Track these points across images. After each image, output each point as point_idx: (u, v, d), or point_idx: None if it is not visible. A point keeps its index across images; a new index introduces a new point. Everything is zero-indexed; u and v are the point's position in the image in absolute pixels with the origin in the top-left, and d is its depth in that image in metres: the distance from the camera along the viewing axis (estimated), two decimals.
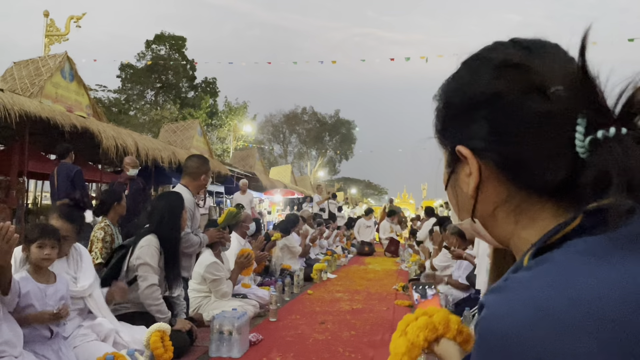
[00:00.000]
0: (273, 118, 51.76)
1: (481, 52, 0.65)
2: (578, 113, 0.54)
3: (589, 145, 0.53)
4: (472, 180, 0.63)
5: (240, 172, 22.03)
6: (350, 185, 69.46)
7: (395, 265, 9.92)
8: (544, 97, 0.56)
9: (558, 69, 0.57)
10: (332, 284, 7.02)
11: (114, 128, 12.73)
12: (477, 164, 0.62)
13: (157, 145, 14.26)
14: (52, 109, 10.48)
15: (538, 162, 0.57)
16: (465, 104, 0.63)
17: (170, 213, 3.53)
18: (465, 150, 0.63)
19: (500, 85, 0.59)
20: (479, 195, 0.64)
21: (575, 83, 0.55)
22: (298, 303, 5.43)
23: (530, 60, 0.59)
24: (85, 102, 12.77)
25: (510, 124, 0.58)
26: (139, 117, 31.11)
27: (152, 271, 3.37)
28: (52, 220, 2.99)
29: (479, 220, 0.67)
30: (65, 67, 11.97)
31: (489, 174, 0.62)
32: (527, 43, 0.62)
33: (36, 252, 2.66)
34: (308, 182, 34.86)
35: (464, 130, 0.63)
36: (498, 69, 0.61)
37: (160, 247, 3.45)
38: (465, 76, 0.65)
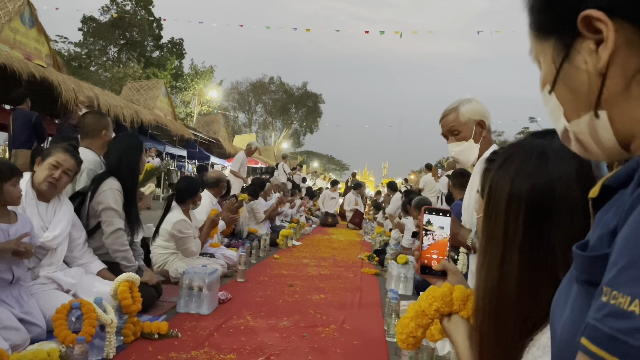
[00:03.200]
0: (239, 85, 50.80)
1: None
2: None
3: None
4: (607, 50, 0.52)
5: (204, 136, 21.61)
6: (313, 158, 69.60)
7: (358, 237, 9.99)
8: None
9: None
10: (298, 250, 6.98)
11: (74, 80, 12.19)
12: (613, 30, 0.51)
13: (120, 103, 13.76)
14: (10, 55, 9.93)
15: None
16: None
17: (129, 155, 3.36)
18: (597, 12, 0.51)
19: None
20: (608, 70, 0.53)
21: None
22: (265, 266, 5.37)
23: None
24: (45, 51, 12.13)
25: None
26: (100, 74, 29.92)
27: (118, 215, 3.19)
28: (58, 153, 2.82)
29: (605, 109, 0.55)
30: (25, 12, 11.30)
31: (622, 39, 0.52)
32: None
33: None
34: (272, 152, 34.59)
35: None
36: None
37: (122, 189, 3.26)
38: None
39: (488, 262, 0.84)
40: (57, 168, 2.77)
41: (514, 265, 0.80)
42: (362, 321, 3.45)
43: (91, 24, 31.57)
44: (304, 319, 3.39)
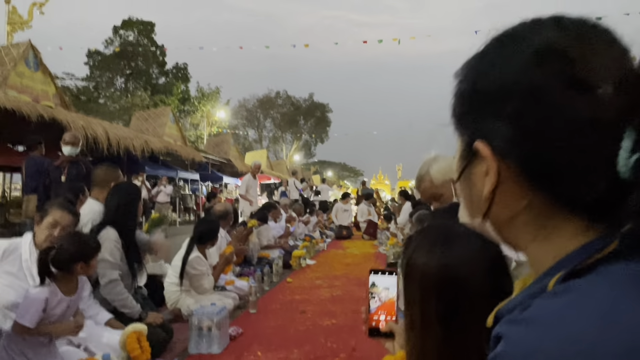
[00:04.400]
0: (247, 103, 51.24)
1: (519, 31, 0.54)
2: (627, 123, 0.45)
3: (634, 165, 0.45)
4: (489, 182, 0.55)
5: (214, 158, 21.79)
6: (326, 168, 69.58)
7: (373, 248, 9.98)
8: (589, 97, 0.47)
9: (609, 64, 0.49)
10: (311, 270, 7.01)
11: (83, 118, 12.43)
12: (496, 166, 0.54)
13: (129, 134, 13.97)
14: (18, 100, 10.17)
15: (572, 172, 0.49)
16: (493, 92, 0.53)
17: (127, 203, 3.44)
18: (485, 149, 0.54)
19: (539, 76, 0.50)
20: (495, 198, 0.56)
21: (629, 84, 0.47)
22: (278, 292, 5.41)
23: (577, 50, 0.49)
24: (52, 91, 12.39)
25: (544, 125, 0.49)
26: (109, 105, 30.43)
27: (111, 267, 3.27)
28: (55, 211, 2.92)
29: (491, 224, 0.59)
30: (30, 56, 11.57)
31: (509, 176, 0.53)
32: (574, 25, 0.52)
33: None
34: (284, 166, 34.71)
35: (487, 123, 0.54)
36: (538, 55, 0.50)
37: (119, 239, 3.34)
38: (497, 58, 0.54)
39: (412, 343, 0.91)
40: (55, 227, 2.86)
41: (433, 344, 0.87)
42: (371, 347, 3.47)
43: (97, 57, 32.22)
44: (314, 349, 3.42)
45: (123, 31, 33.24)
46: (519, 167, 0.52)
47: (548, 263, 0.52)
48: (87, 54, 32.07)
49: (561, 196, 0.51)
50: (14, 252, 2.76)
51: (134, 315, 3.39)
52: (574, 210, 0.51)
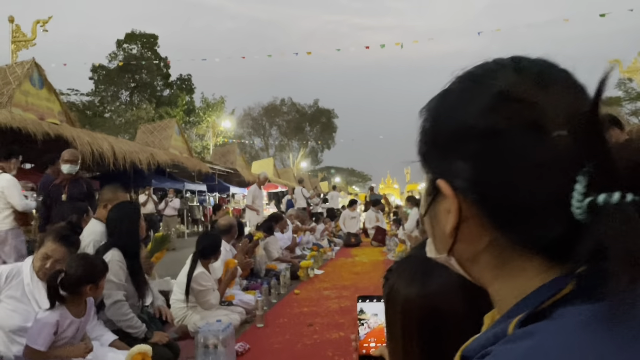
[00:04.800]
0: (252, 111, 51.41)
1: (479, 73, 0.56)
2: (580, 167, 0.47)
3: (587, 207, 0.45)
4: (451, 220, 0.55)
5: (221, 169, 21.83)
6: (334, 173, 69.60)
7: (382, 256, 9.93)
8: (544, 141, 0.48)
9: (565, 108, 0.49)
10: (319, 280, 6.97)
11: (88, 133, 12.49)
12: (457, 204, 0.54)
13: (135, 148, 14.03)
14: (23, 118, 10.23)
15: (529, 214, 0.49)
16: (453, 133, 0.55)
17: (128, 223, 3.43)
18: (446, 188, 0.55)
19: (497, 119, 0.51)
20: (458, 236, 0.56)
21: (582, 129, 0.47)
22: (285, 305, 5.37)
23: (535, 94, 0.50)
24: (57, 108, 12.47)
25: (502, 167, 0.50)
26: (114, 119, 30.63)
27: (115, 287, 3.26)
28: (48, 242, 2.91)
29: (455, 260, 0.59)
30: (34, 74, 11.66)
31: (471, 215, 0.54)
32: (533, 69, 0.53)
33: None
34: (291, 173, 34.74)
35: (448, 162, 0.55)
36: (497, 99, 0.52)
37: (124, 260, 3.33)
38: (457, 100, 0.56)
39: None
40: (47, 259, 2.84)
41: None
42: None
43: (101, 71, 32.47)
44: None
45: (126, 45, 33.50)
46: (479, 206, 0.53)
47: (510, 303, 0.53)
48: (92, 69, 32.34)
49: (520, 236, 0.51)
50: (16, 276, 2.75)
51: (140, 335, 3.37)
52: (534, 250, 0.51)
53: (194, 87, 36.07)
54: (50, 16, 15.78)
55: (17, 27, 15.33)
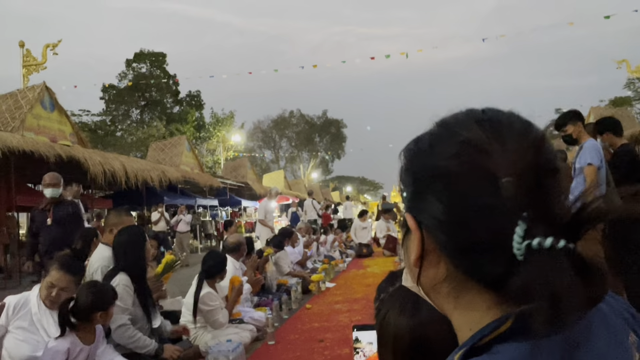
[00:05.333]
0: (261, 124, 51.74)
1: (451, 122, 0.61)
2: (522, 212, 0.51)
3: (525, 249, 0.50)
4: (414, 251, 0.61)
5: (232, 183, 21.95)
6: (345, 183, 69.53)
7: (394, 266, 9.88)
8: (494, 187, 0.53)
9: (515, 158, 0.54)
10: (330, 294, 6.97)
11: (100, 153, 12.65)
12: (419, 237, 0.60)
13: (146, 166, 14.16)
14: (35, 141, 10.40)
15: (478, 251, 0.54)
16: (420, 173, 0.60)
17: (134, 247, 3.47)
18: (411, 221, 0.60)
19: (455, 165, 0.56)
20: (422, 266, 0.61)
21: (526, 177, 0.53)
22: (296, 320, 5.38)
23: (491, 145, 0.55)
24: (69, 130, 12.68)
25: (457, 207, 0.55)
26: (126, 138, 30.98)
27: (120, 311, 3.28)
28: (53, 271, 2.96)
29: (422, 289, 0.64)
30: (45, 98, 11.89)
31: (432, 248, 0.59)
32: (495, 122, 0.58)
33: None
34: (302, 185, 34.81)
35: (415, 199, 0.61)
36: (460, 146, 0.57)
37: (131, 284, 3.36)
38: (428, 144, 0.61)
39: None
40: (53, 288, 2.88)
41: None
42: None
43: (111, 91, 32.93)
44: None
45: (136, 64, 33.98)
46: (437, 240, 0.58)
47: (466, 335, 0.57)
48: (102, 89, 32.81)
49: (471, 271, 0.56)
50: (24, 306, 2.80)
51: (151, 352, 3.40)
52: (483, 285, 0.56)
53: (203, 103, 36.47)
54: (59, 39, 16.05)
55: (27, 51, 15.60)
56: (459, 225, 0.55)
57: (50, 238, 5.14)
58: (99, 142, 27.57)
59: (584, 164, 4.23)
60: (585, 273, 0.50)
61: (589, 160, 4.20)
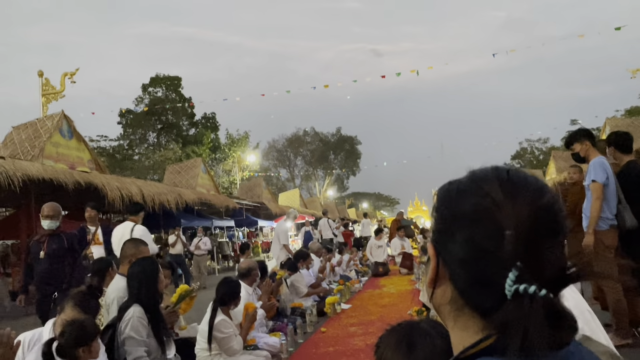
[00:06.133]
0: (276, 143, 52.08)
1: (477, 175, 0.73)
2: (517, 261, 0.63)
3: (514, 291, 0.62)
4: (430, 273, 0.74)
5: (248, 203, 22.07)
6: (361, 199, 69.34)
7: (410, 285, 9.81)
8: (499, 236, 0.65)
9: (521, 216, 0.65)
10: (346, 316, 6.96)
11: (117, 179, 12.86)
12: (435, 263, 0.73)
13: (163, 190, 14.35)
14: (55, 169, 10.63)
15: (475, 286, 0.67)
16: (445, 212, 0.74)
17: (147, 278, 3.53)
18: (432, 250, 0.74)
19: (472, 212, 0.68)
20: (435, 287, 0.74)
21: (526, 234, 0.64)
22: (311, 345, 5.38)
23: (504, 201, 0.67)
24: (87, 157, 12.92)
25: (467, 247, 0.68)
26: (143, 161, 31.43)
27: (136, 344, 3.32)
28: (67, 309, 3.00)
29: (433, 305, 0.77)
30: (64, 126, 12.15)
31: (443, 274, 0.72)
32: (515, 182, 0.69)
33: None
34: (318, 203, 34.86)
35: (438, 233, 0.74)
36: (478, 198, 0.69)
37: (145, 315, 3.40)
38: (454, 190, 0.74)
39: None
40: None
41: None
42: None
43: (128, 116, 33.53)
44: None
45: (152, 88, 34.64)
46: (447, 269, 0.72)
47: (458, 350, 0.70)
48: (120, 114, 33.46)
49: (469, 300, 0.69)
50: (38, 342, 2.85)
51: None
52: (477, 312, 0.69)
53: (218, 124, 36.90)
54: (77, 68, 16.46)
55: (46, 80, 16.03)
56: (466, 262, 0.68)
57: (41, 272, 5.01)
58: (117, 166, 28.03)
59: (589, 181, 4.27)
60: (557, 319, 0.62)
61: (592, 177, 4.24)
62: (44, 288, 5.02)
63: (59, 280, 5.03)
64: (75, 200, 12.80)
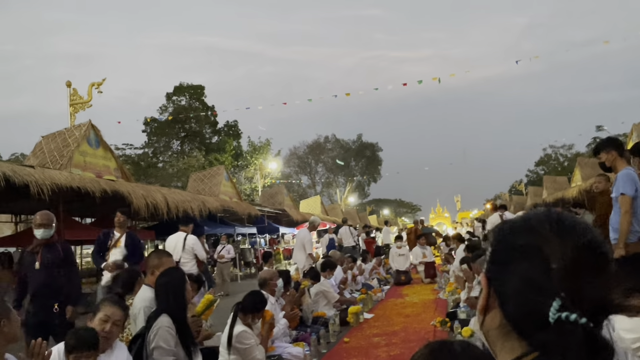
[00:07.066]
0: (297, 150, 52.28)
1: (530, 216, 0.82)
2: (561, 292, 0.71)
3: (557, 318, 0.69)
4: (481, 301, 0.82)
5: (270, 210, 22.19)
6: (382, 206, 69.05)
7: (433, 294, 9.73)
8: (546, 269, 0.74)
9: (566, 252, 0.74)
10: (369, 326, 6.94)
11: (143, 187, 13.09)
12: (486, 293, 0.82)
13: (186, 197, 14.53)
14: (82, 178, 10.86)
15: (522, 313, 0.75)
16: (499, 247, 0.83)
17: (175, 289, 3.59)
18: (484, 280, 0.83)
19: (523, 247, 0.77)
20: (486, 314, 0.82)
21: (570, 268, 0.73)
22: (334, 356, 5.39)
23: (553, 238, 0.76)
24: (113, 165, 13.17)
25: (515, 277, 0.76)
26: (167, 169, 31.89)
27: (165, 353, 3.37)
28: (106, 307, 3.09)
29: (482, 331, 0.84)
30: (91, 135, 12.42)
31: (493, 303, 0.81)
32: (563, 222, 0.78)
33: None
34: (339, 209, 34.82)
35: (492, 264, 0.83)
36: (530, 235, 0.78)
37: (172, 325, 3.46)
38: (509, 229, 0.83)
39: None
40: (107, 322, 3.00)
41: None
42: None
43: (153, 124, 34.10)
44: None
45: (175, 97, 35.21)
46: (497, 298, 0.80)
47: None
48: (144, 122, 34.05)
49: (516, 326, 0.77)
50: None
51: None
52: (524, 337, 0.76)
53: (240, 132, 37.26)
54: (104, 78, 16.77)
55: (74, 90, 16.39)
56: (515, 291, 0.76)
57: (36, 284, 4.70)
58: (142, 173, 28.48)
59: (617, 194, 4.21)
60: (596, 346, 0.69)
61: (621, 190, 4.18)
62: (40, 301, 4.66)
63: (57, 292, 4.71)
64: (102, 208, 13.08)
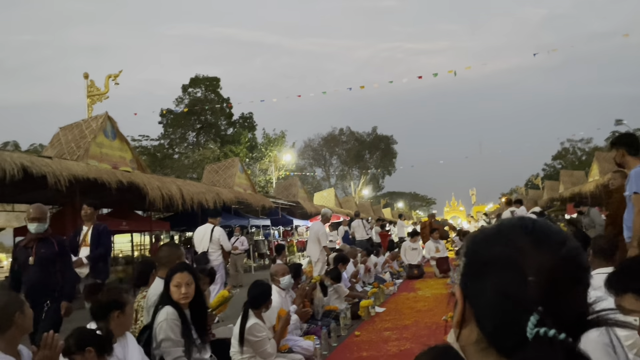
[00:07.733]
0: (312, 142, 52.29)
1: (504, 225, 0.79)
2: (538, 306, 0.68)
3: (534, 333, 0.67)
4: (457, 315, 0.79)
5: (284, 202, 22.26)
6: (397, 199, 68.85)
7: (445, 288, 9.71)
8: (522, 282, 0.70)
9: (543, 264, 0.71)
10: (380, 319, 6.95)
11: (158, 178, 13.21)
12: (462, 306, 0.78)
13: (201, 189, 14.64)
14: (99, 169, 11.00)
15: (499, 327, 0.72)
16: (473, 258, 0.78)
17: None
18: (459, 293, 0.79)
19: (498, 258, 0.74)
20: (462, 328, 0.79)
21: (547, 281, 0.70)
22: (345, 349, 5.41)
23: (529, 250, 0.72)
24: (129, 156, 13.30)
25: (491, 290, 0.73)
26: (183, 160, 32.13)
27: (173, 344, 3.39)
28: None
29: (459, 345, 0.81)
30: (107, 127, 12.55)
31: (469, 317, 0.77)
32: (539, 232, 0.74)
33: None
34: (352, 202, 34.83)
35: (465, 276, 0.79)
36: (504, 246, 0.74)
37: (178, 317, 3.47)
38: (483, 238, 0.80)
39: None
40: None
41: None
42: None
43: (169, 115, 34.34)
44: None
45: (191, 89, 35.38)
46: (473, 312, 0.76)
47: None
48: (160, 114, 34.30)
49: (494, 342, 0.73)
50: None
51: None
52: (502, 353, 0.73)
53: (255, 124, 37.36)
54: (120, 70, 16.92)
55: (91, 82, 16.55)
56: (491, 305, 0.72)
57: (30, 280, 4.58)
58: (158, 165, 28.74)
59: (630, 192, 4.15)
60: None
61: (634, 189, 4.11)
62: (34, 297, 4.34)
63: (51, 288, 4.60)
64: (118, 199, 13.23)
